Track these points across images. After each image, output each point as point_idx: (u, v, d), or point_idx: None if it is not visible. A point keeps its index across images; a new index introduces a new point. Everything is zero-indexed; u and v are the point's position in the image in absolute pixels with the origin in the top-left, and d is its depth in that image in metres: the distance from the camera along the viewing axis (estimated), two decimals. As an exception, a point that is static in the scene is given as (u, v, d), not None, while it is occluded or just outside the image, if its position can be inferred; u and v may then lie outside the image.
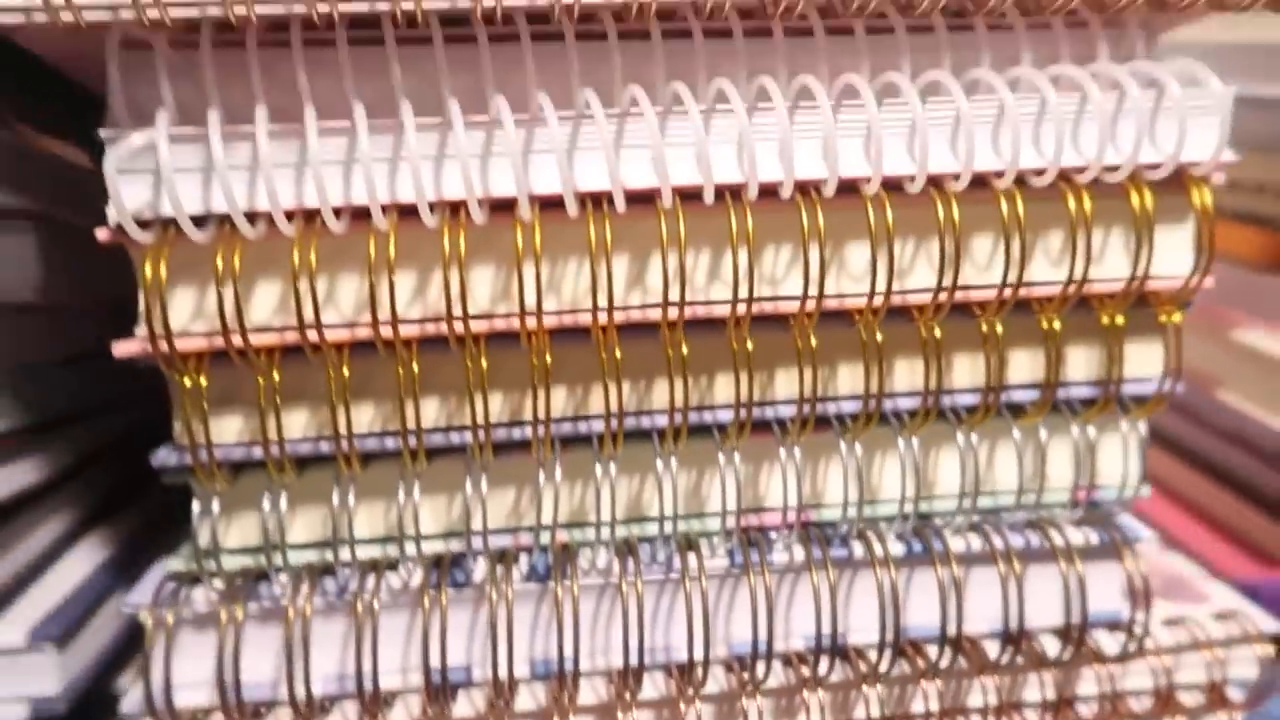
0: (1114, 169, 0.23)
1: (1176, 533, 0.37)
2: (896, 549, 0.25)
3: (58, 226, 0.27)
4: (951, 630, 0.25)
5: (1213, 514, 0.38)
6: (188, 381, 0.22)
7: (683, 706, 0.25)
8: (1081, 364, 0.26)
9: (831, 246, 0.24)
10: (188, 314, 0.22)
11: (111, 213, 0.20)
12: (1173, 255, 0.25)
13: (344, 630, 0.25)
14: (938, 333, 0.24)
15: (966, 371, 0.25)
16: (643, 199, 0.22)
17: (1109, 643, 0.26)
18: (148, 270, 0.20)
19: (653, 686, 0.25)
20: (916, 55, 0.24)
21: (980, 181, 0.23)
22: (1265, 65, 0.36)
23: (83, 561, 0.28)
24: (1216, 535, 0.37)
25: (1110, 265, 0.24)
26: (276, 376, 0.22)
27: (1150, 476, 0.27)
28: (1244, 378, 0.36)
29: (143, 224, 0.20)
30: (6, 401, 0.26)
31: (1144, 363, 0.26)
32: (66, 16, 0.18)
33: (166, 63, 0.21)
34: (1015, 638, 0.26)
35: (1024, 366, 0.26)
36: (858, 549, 0.25)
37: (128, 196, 0.20)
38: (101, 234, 0.21)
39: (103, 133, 0.20)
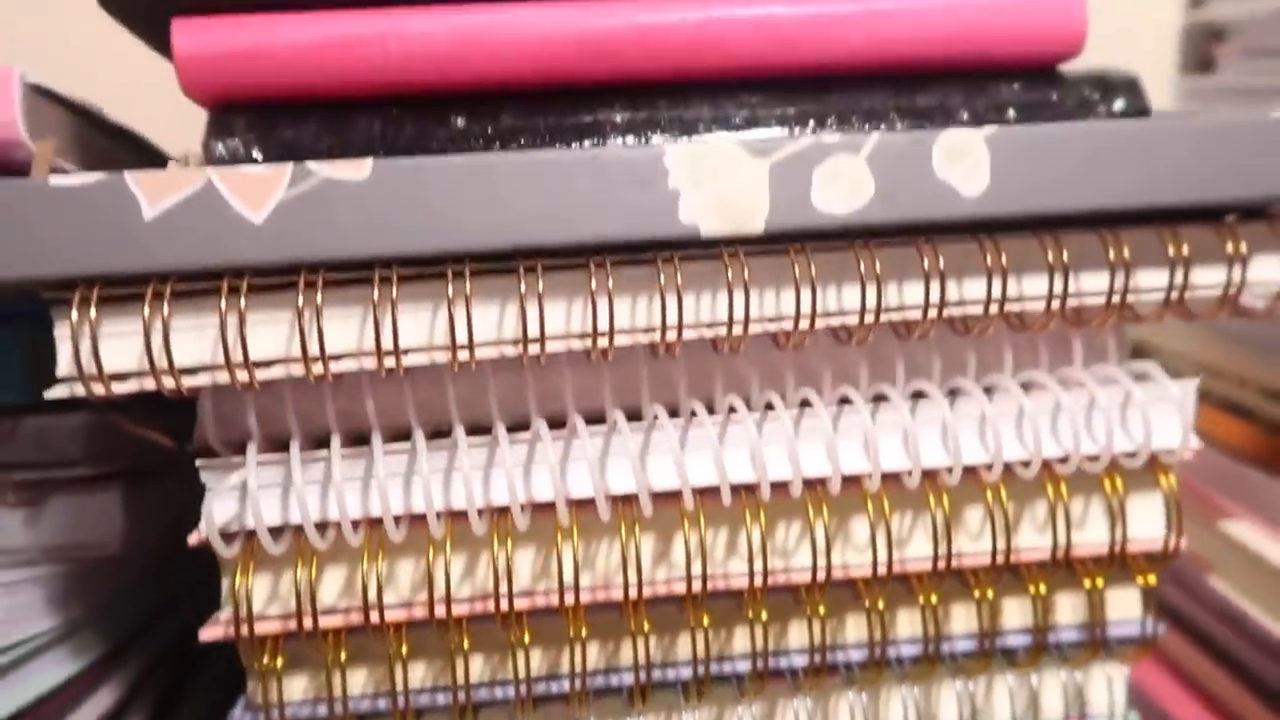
0: (1094, 458, 0.25)
1: (1173, 709, 0.39)
2: (901, 785, 0.28)
3: (136, 478, 0.30)
4: None
5: (1209, 691, 0.40)
6: (265, 662, 0.25)
7: None
8: (1068, 609, 0.28)
9: (836, 523, 0.26)
10: (263, 599, 0.25)
11: (202, 529, 0.23)
12: (1148, 519, 0.27)
13: None
14: (934, 599, 0.26)
15: (962, 620, 0.28)
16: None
17: None
18: (237, 580, 0.23)
19: None
20: (910, 353, 0.26)
21: (971, 468, 0.25)
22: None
23: (154, 775, 0.31)
24: (1212, 714, 0.39)
25: (1091, 531, 0.27)
26: (344, 655, 0.25)
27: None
28: (1232, 567, 0.38)
29: (228, 535, 0.23)
30: (89, 637, 0.29)
31: (1126, 606, 0.28)
32: (169, 382, 0.21)
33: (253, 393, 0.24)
34: None
35: (1015, 613, 0.28)
36: (865, 786, 0.28)
37: (217, 512, 0.23)
38: (192, 539, 0.24)
39: (199, 464, 0.23)
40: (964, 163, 0.23)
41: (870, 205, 0.23)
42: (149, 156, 0.33)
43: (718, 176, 0.22)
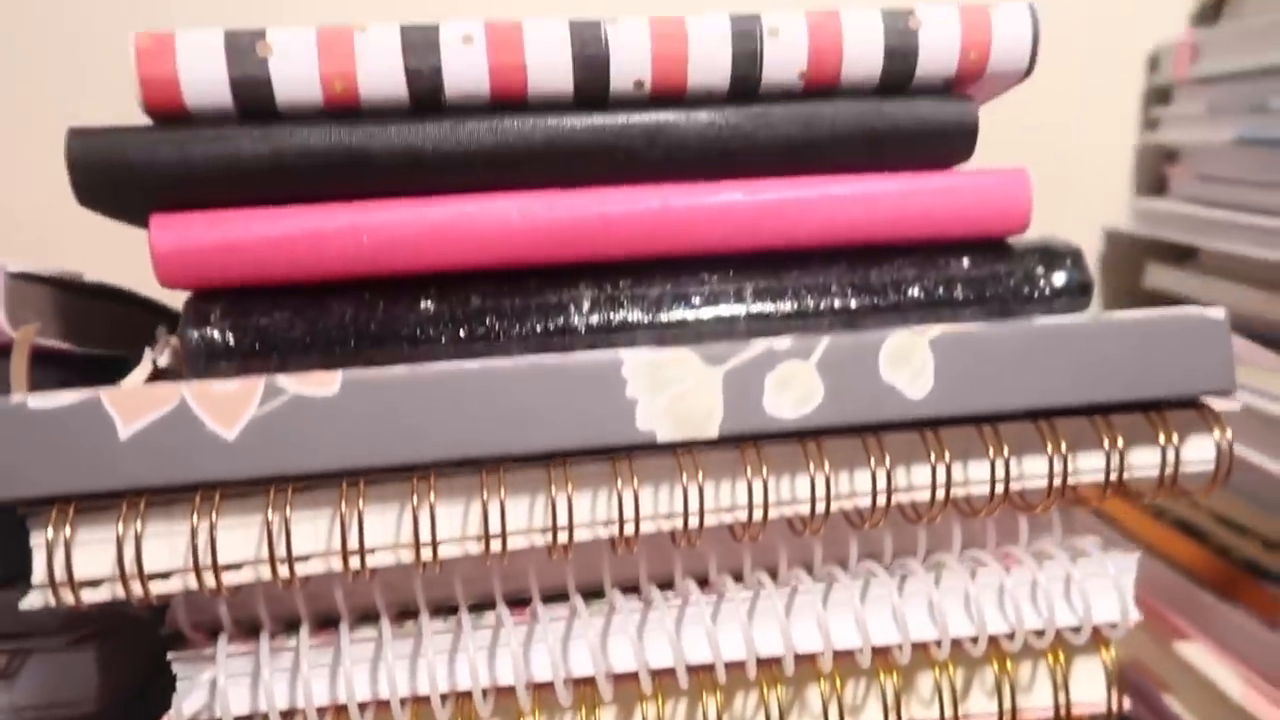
0: (1039, 633, 0.26)
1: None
2: None
3: (110, 635, 0.30)
4: None
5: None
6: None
7: None
8: (1020, 766, 0.29)
9: (791, 692, 0.27)
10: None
11: (171, 718, 0.24)
12: (1092, 683, 0.28)
13: None
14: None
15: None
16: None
17: None
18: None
19: None
20: (862, 531, 0.27)
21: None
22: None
23: None
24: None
25: (1039, 694, 0.28)
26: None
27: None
28: (1186, 688, 0.39)
29: (198, 724, 0.24)
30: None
31: (1078, 762, 0.29)
32: (137, 589, 0.22)
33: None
34: None
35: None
36: None
37: (186, 706, 0.24)
38: (163, 724, 0.24)
39: (171, 656, 0.24)
40: (910, 366, 0.24)
41: (819, 410, 0.24)
42: (131, 306, 0.34)
43: (673, 385, 0.23)
